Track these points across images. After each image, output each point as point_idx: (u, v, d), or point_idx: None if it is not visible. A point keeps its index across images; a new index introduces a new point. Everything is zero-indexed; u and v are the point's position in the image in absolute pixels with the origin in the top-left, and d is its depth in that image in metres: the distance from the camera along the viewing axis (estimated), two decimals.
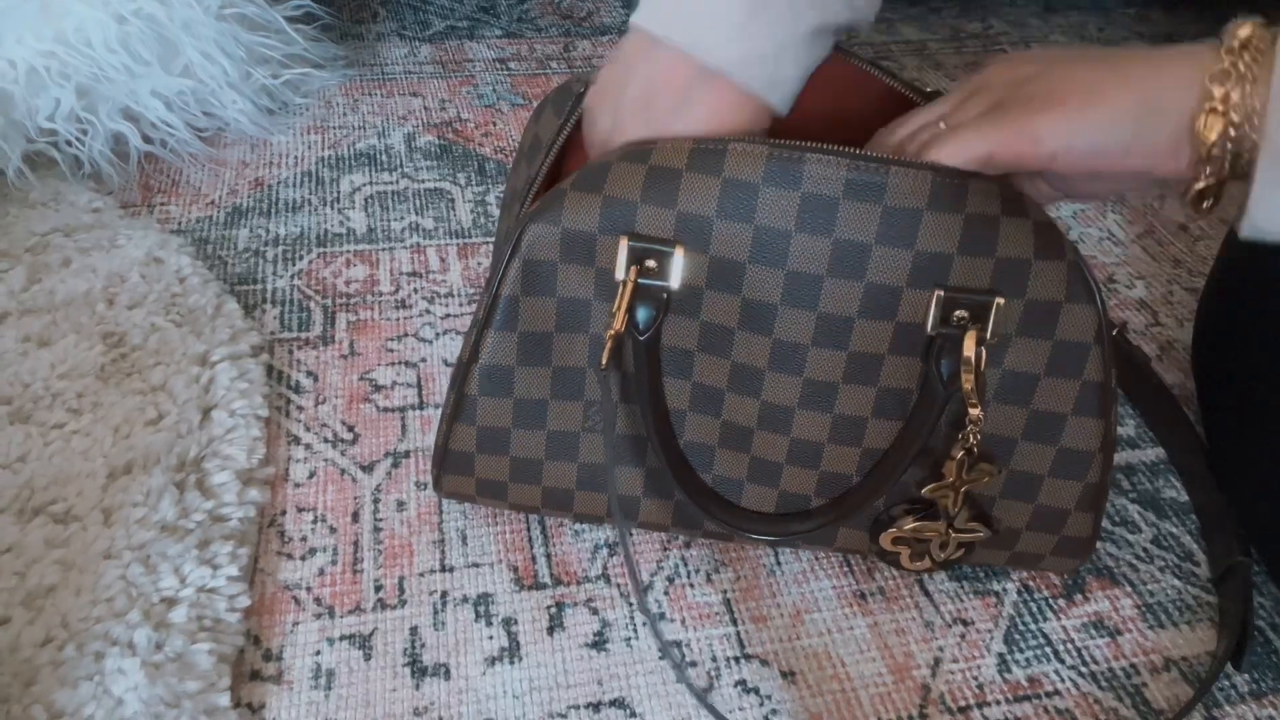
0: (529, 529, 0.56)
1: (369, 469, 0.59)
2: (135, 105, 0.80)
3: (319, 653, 0.49)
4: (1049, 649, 0.52)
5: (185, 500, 0.54)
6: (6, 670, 0.46)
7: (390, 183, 0.84)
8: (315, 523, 0.56)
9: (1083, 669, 0.51)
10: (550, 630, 0.51)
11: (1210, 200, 0.38)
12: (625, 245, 0.45)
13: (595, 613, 0.52)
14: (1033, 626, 0.53)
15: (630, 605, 0.52)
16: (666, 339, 0.48)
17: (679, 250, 0.45)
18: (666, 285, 0.45)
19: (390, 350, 0.67)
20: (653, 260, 0.45)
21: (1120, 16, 1.23)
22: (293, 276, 0.73)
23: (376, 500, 0.57)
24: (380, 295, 0.72)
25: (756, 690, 0.49)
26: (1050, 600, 0.54)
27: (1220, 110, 0.35)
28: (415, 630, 0.51)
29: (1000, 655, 0.51)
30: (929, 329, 0.45)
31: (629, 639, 0.51)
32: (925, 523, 0.50)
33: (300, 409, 0.62)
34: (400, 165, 0.87)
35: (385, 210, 0.81)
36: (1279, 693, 0.50)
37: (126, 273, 0.69)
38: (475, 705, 0.48)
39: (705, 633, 0.51)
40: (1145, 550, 0.57)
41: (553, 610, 0.52)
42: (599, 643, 0.51)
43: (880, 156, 0.42)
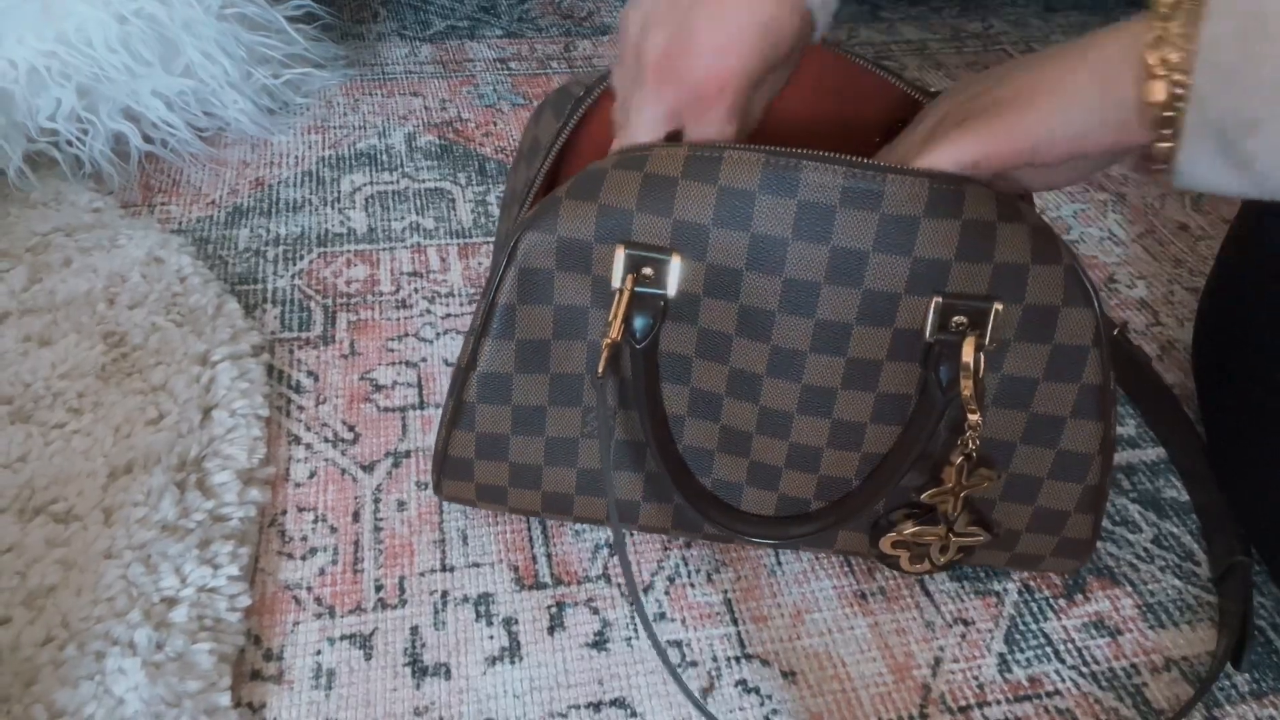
0: (529, 529, 0.56)
1: (369, 469, 0.59)
2: (136, 105, 0.80)
3: (319, 652, 0.49)
4: (1049, 649, 0.52)
5: (186, 500, 0.54)
6: (7, 670, 0.46)
7: (391, 182, 0.84)
8: (316, 522, 0.56)
9: (1083, 669, 0.51)
10: (551, 630, 0.51)
11: (1163, 162, 0.40)
12: (622, 253, 0.45)
13: (596, 612, 0.52)
14: (1033, 626, 0.53)
15: (631, 605, 0.52)
16: (664, 345, 0.47)
17: (675, 258, 0.45)
18: (663, 293, 0.45)
19: (391, 350, 0.67)
20: (649, 268, 0.45)
21: (1121, 17, 1.23)
22: (293, 276, 0.73)
23: (377, 500, 0.57)
24: (381, 295, 0.72)
25: (757, 690, 0.49)
26: (1051, 600, 0.54)
27: (1162, 74, 0.37)
28: (416, 630, 0.51)
29: (1001, 655, 0.51)
30: (927, 335, 0.44)
31: (629, 639, 0.51)
32: (925, 527, 0.50)
33: (301, 409, 0.63)
34: (401, 165, 0.87)
35: (386, 210, 0.81)
36: (1279, 692, 0.50)
37: (127, 272, 0.69)
38: (476, 705, 0.48)
39: (706, 632, 0.51)
40: (1146, 550, 0.57)
41: (553, 610, 0.52)
42: (599, 642, 0.51)
43: (876, 164, 0.42)
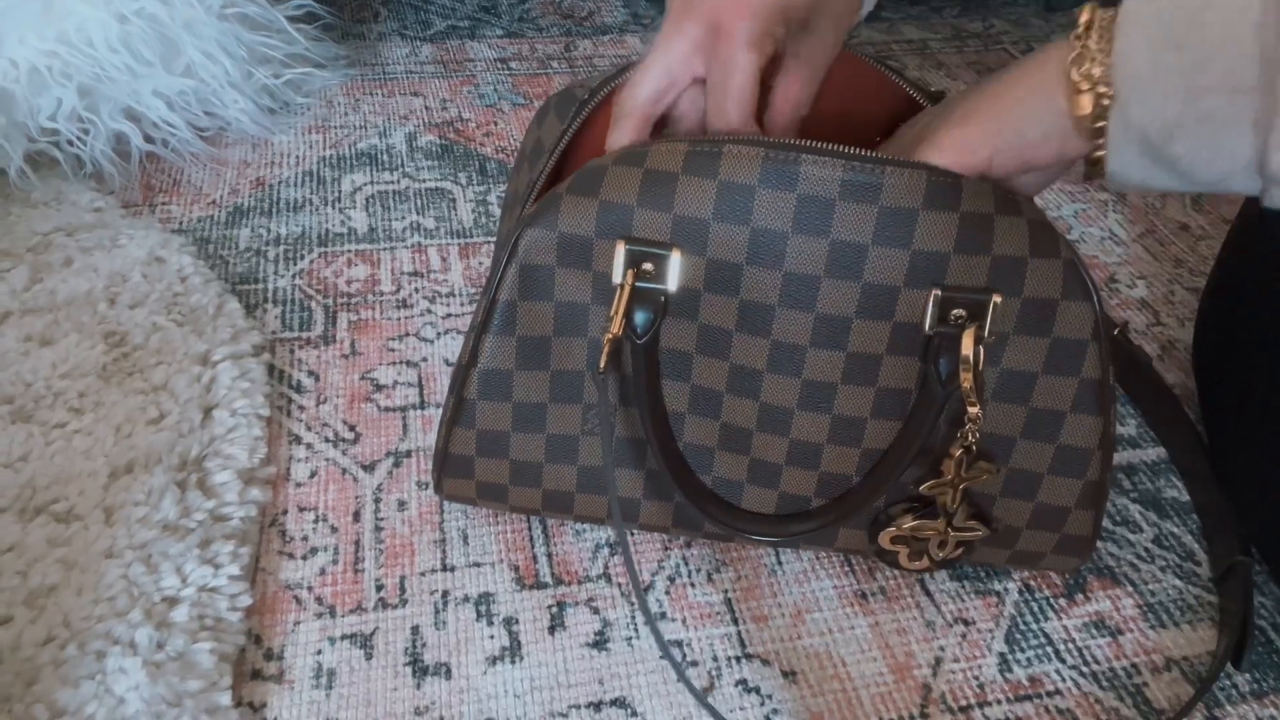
0: (530, 528, 0.56)
1: (370, 468, 0.59)
2: (137, 105, 0.81)
3: (320, 652, 0.49)
4: (1050, 649, 0.52)
5: (187, 499, 0.54)
6: (8, 669, 0.46)
7: (391, 182, 0.84)
8: (316, 522, 0.56)
9: (1084, 669, 0.51)
10: (551, 629, 0.51)
11: (1101, 170, 0.42)
12: (622, 249, 0.45)
13: (596, 612, 0.52)
14: (1034, 626, 0.53)
15: (631, 604, 0.52)
16: (665, 341, 0.47)
17: (676, 253, 0.45)
18: (664, 288, 0.45)
19: (391, 350, 0.67)
20: (650, 263, 0.45)
21: None
22: (294, 276, 0.73)
23: (378, 500, 0.57)
24: (381, 295, 0.72)
25: (757, 690, 0.49)
26: (1051, 600, 0.54)
27: (1086, 88, 0.40)
28: (416, 629, 0.51)
29: (1001, 655, 0.51)
30: (927, 328, 0.44)
31: (630, 638, 0.51)
32: (924, 521, 0.50)
33: (301, 408, 0.63)
34: (401, 165, 0.87)
35: (386, 210, 0.81)
36: (1279, 692, 0.50)
37: (128, 272, 0.69)
38: (476, 705, 0.48)
39: (706, 632, 0.51)
40: (1146, 550, 0.57)
41: (554, 609, 0.52)
42: (600, 642, 0.51)
43: (875, 156, 0.42)
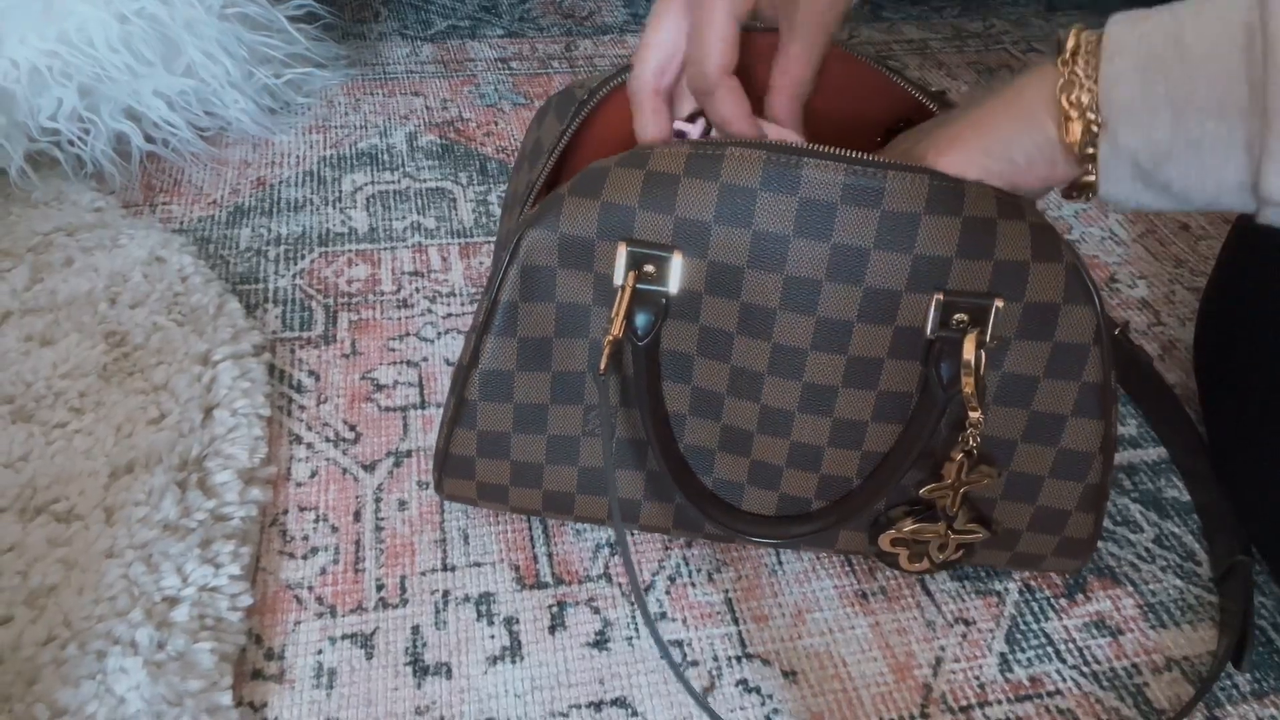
0: (530, 528, 0.56)
1: (371, 468, 0.59)
2: (137, 105, 0.81)
3: (321, 652, 0.49)
4: (1050, 648, 0.52)
5: (187, 499, 0.54)
6: (9, 669, 0.46)
7: (392, 182, 0.84)
8: (317, 522, 0.56)
9: (1084, 669, 0.51)
10: (552, 629, 0.51)
11: (1090, 192, 0.42)
12: (624, 251, 0.45)
13: (597, 612, 0.52)
14: (1034, 626, 0.53)
15: (631, 604, 0.52)
16: (666, 343, 0.47)
17: (677, 255, 0.45)
18: (665, 290, 0.45)
19: (392, 350, 0.67)
20: (651, 265, 0.45)
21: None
22: (294, 276, 0.73)
23: (378, 499, 0.57)
24: (382, 295, 0.72)
25: (758, 690, 0.49)
26: (1052, 600, 0.54)
27: (1075, 115, 0.40)
28: (417, 629, 0.51)
29: (1002, 655, 0.51)
30: (928, 332, 0.44)
31: (630, 638, 0.51)
32: (924, 524, 0.50)
33: (302, 408, 0.63)
34: (402, 165, 0.87)
35: (387, 210, 0.81)
36: None
37: (129, 272, 0.69)
38: (477, 704, 0.48)
39: (706, 632, 0.51)
40: (1147, 550, 0.57)
41: (554, 609, 0.52)
42: (600, 642, 0.51)
43: (877, 160, 0.42)
